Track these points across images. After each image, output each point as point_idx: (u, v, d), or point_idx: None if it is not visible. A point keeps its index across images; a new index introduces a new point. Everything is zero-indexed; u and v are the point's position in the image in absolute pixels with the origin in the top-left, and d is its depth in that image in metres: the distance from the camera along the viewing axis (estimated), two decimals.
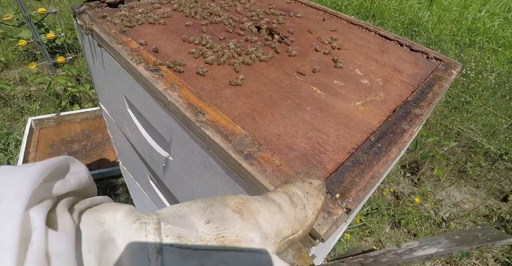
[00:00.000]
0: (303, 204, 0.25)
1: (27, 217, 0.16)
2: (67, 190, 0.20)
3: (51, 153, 1.78)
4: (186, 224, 0.20)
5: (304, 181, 0.27)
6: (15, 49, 2.63)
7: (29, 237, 0.16)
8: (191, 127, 0.42)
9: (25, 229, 0.16)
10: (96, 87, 0.84)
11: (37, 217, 0.16)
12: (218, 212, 0.22)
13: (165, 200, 0.86)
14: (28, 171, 0.18)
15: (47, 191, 0.19)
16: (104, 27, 0.59)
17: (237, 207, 0.22)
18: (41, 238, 0.16)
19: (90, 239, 0.18)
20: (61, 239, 0.17)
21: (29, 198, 0.16)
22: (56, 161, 0.21)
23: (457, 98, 2.63)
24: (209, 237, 0.20)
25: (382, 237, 1.68)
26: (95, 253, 0.18)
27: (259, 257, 0.20)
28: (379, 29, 0.72)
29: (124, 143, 0.89)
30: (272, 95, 0.48)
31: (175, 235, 0.19)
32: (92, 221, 0.19)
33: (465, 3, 4.19)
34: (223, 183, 0.43)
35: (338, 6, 4.00)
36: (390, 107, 0.49)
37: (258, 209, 0.23)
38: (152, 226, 0.19)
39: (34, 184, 0.17)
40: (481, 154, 2.17)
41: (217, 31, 0.64)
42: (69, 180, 0.21)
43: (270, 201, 0.24)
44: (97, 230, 0.19)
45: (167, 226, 0.20)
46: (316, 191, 0.27)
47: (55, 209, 0.19)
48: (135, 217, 0.20)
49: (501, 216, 1.82)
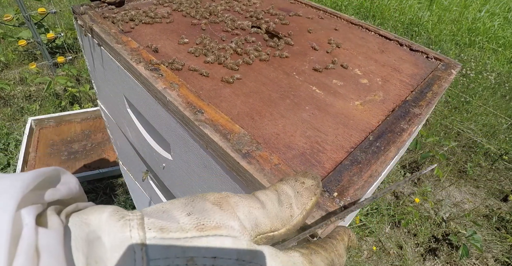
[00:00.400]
0: (290, 203, 0.25)
1: (19, 215, 0.17)
2: (58, 198, 0.22)
3: (51, 153, 1.78)
4: (168, 217, 0.21)
5: (297, 180, 0.27)
6: (15, 49, 2.63)
7: (20, 233, 0.17)
8: (190, 126, 0.42)
9: (17, 226, 0.16)
10: (96, 87, 0.84)
11: (27, 215, 0.17)
12: (199, 205, 0.23)
13: (165, 200, 0.86)
14: (21, 177, 0.19)
15: (39, 197, 0.20)
16: (104, 27, 0.60)
17: (216, 201, 0.23)
18: (31, 234, 0.17)
19: (77, 238, 0.19)
20: (50, 234, 0.18)
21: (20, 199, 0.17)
22: (48, 170, 0.22)
23: (457, 98, 2.63)
24: (189, 227, 0.21)
25: (382, 237, 1.68)
26: (82, 250, 0.19)
27: (239, 242, 0.21)
28: (379, 29, 0.72)
29: (124, 143, 0.89)
30: (271, 94, 0.48)
31: (157, 227, 0.20)
32: (79, 223, 0.20)
33: (465, 3, 4.19)
34: (222, 182, 0.43)
35: (338, 6, 4.00)
36: (389, 107, 0.49)
37: (237, 203, 0.24)
38: (136, 222, 0.20)
39: (26, 187, 0.18)
40: (481, 154, 2.17)
41: (217, 31, 0.64)
42: (60, 189, 0.22)
43: (253, 198, 0.25)
44: (83, 230, 0.20)
45: (150, 220, 0.21)
46: (307, 191, 0.26)
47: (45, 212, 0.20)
48: (119, 216, 0.21)
49: (501, 216, 1.82)
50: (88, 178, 1.68)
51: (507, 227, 1.77)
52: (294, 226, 0.25)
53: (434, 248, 1.66)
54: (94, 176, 1.68)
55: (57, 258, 0.17)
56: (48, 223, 0.19)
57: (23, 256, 0.16)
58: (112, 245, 0.19)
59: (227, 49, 0.57)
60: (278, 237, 0.24)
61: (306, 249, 0.24)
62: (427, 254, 1.64)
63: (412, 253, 1.64)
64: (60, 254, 0.18)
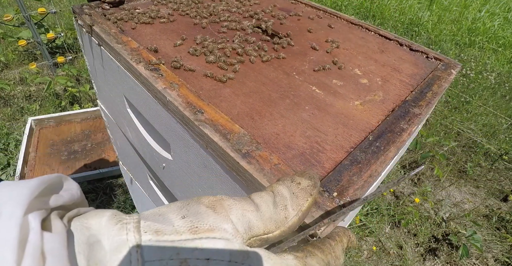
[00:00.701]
0: (285, 205, 0.25)
1: (26, 220, 0.18)
2: (61, 203, 0.23)
3: (51, 153, 1.78)
4: (164, 220, 0.22)
5: (293, 181, 0.27)
6: (15, 49, 2.63)
7: (26, 237, 0.18)
8: (190, 126, 0.42)
9: (24, 230, 0.18)
10: (96, 87, 0.84)
11: (33, 220, 0.19)
12: (193, 208, 0.23)
13: (165, 199, 0.86)
14: (28, 184, 0.20)
15: (43, 203, 0.21)
16: (104, 27, 0.60)
17: (211, 204, 0.24)
18: (37, 237, 0.18)
19: (79, 241, 0.20)
20: (54, 238, 0.19)
21: (27, 205, 0.19)
22: (51, 177, 0.23)
23: (457, 98, 2.63)
24: (183, 229, 0.22)
25: (382, 237, 1.68)
26: (84, 254, 0.20)
27: (232, 244, 0.22)
28: (379, 29, 0.72)
29: (124, 143, 0.89)
30: (271, 94, 0.48)
31: (152, 230, 0.21)
32: (80, 227, 0.21)
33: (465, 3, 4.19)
34: (222, 182, 0.43)
35: (338, 6, 4.00)
36: (389, 107, 0.49)
37: (231, 207, 0.24)
38: (132, 225, 0.21)
39: (32, 194, 0.20)
40: (481, 154, 2.17)
41: (217, 31, 0.64)
42: (63, 195, 0.24)
43: (248, 200, 0.25)
44: (84, 234, 0.21)
45: (146, 223, 0.22)
46: (303, 192, 0.26)
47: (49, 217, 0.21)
48: (117, 219, 0.22)
49: (501, 216, 1.82)
50: (88, 178, 1.68)
51: (507, 227, 1.77)
52: (289, 228, 0.25)
53: (434, 248, 1.66)
54: (94, 176, 1.68)
55: (61, 260, 0.18)
56: (52, 228, 0.20)
57: (29, 258, 0.17)
58: (111, 248, 0.20)
59: (226, 49, 0.57)
60: (272, 239, 0.25)
61: (302, 252, 0.24)
62: (427, 254, 1.64)
63: (412, 253, 1.64)
64: (64, 257, 0.19)
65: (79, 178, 1.65)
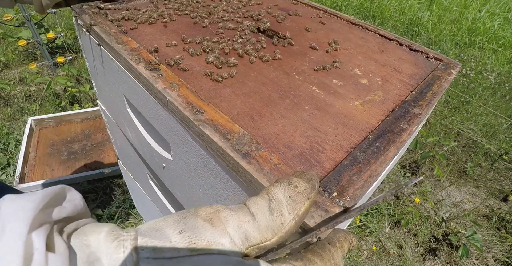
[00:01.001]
0: (281, 210, 0.25)
1: (30, 239, 0.19)
2: (64, 216, 0.23)
3: (51, 153, 1.78)
4: (161, 236, 0.22)
5: (290, 184, 0.26)
6: (15, 49, 2.63)
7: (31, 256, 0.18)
8: (190, 126, 0.42)
9: (28, 249, 0.18)
10: (96, 87, 0.84)
11: (37, 239, 0.19)
12: (190, 222, 0.23)
13: (164, 200, 0.87)
14: (32, 197, 0.21)
15: (47, 216, 0.21)
16: (104, 27, 0.60)
17: (208, 217, 0.24)
18: (42, 259, 0.19)
19: (80, 260, 0.21)
20: (58, 259, 0.19)
21: (32, 220, 0.19)
22: (55, 189, 0.24)
23: (457, 98, 2.63)
24: (181, 245, 0.22)
25: (382, 237, 1.68)
26: None
27: (230, 259, 0.22)
28: (379, 29, 0.72)
29: (124, 143, 0.89)
30: (271, 94, 0.48)
31: (150, 247, 0.21)
32: (79, 244, 0.22)
33: (465, 3, 4.19)
34: (222, 182, 0.43)
35: (338, 6, 4.00)
36: (389, 107, 0.49)
37: (227, 219, 0.24)
38: (129, 242, 0.21)
39: (36, 208, 0.20)
40: (481, 154, 2.17)
41: (217, 31, 0.64)
42: (66, 206, 0.24)
43: (244, 209, 0.25)
44: (84, 252, 0.21)
45: (143, 240, 0.22)
46: (300, 195, 0.26)
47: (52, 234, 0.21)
48: (114, 236, 0.22)
49: (501, 216, 1.82)
50: (88, 178, 1.68)
51: (507, 227, 1.77)
52: (286, 233, 0.25)
53: (434, 248, 1.66)
54: (94, 176, 1.68)
55: None
56: (55, 247, 0.20)
57: None
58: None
59: (225, 49, 0.57)
60: (270, 245, 0.25)
61: (301, 260, 0.24)
62: (427, 254, 1.64)
63: (412, 253, 1.64)
64: None
65: (79, 178, 1.65)
